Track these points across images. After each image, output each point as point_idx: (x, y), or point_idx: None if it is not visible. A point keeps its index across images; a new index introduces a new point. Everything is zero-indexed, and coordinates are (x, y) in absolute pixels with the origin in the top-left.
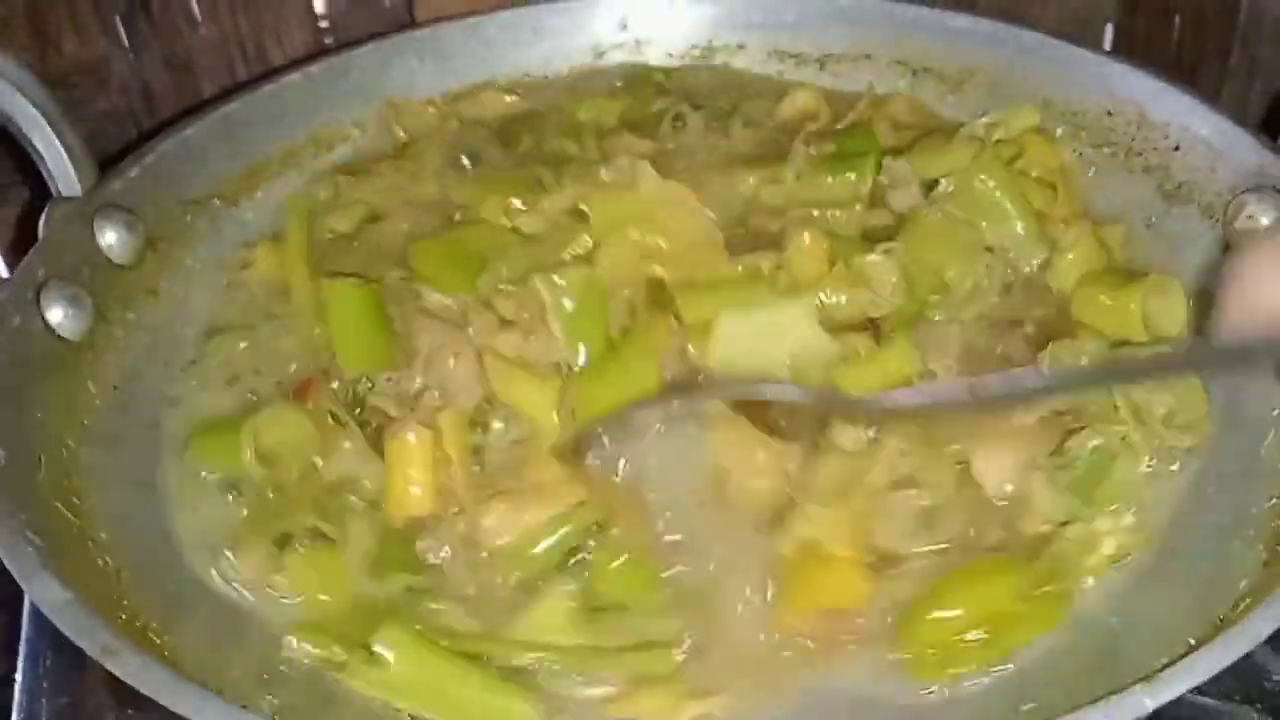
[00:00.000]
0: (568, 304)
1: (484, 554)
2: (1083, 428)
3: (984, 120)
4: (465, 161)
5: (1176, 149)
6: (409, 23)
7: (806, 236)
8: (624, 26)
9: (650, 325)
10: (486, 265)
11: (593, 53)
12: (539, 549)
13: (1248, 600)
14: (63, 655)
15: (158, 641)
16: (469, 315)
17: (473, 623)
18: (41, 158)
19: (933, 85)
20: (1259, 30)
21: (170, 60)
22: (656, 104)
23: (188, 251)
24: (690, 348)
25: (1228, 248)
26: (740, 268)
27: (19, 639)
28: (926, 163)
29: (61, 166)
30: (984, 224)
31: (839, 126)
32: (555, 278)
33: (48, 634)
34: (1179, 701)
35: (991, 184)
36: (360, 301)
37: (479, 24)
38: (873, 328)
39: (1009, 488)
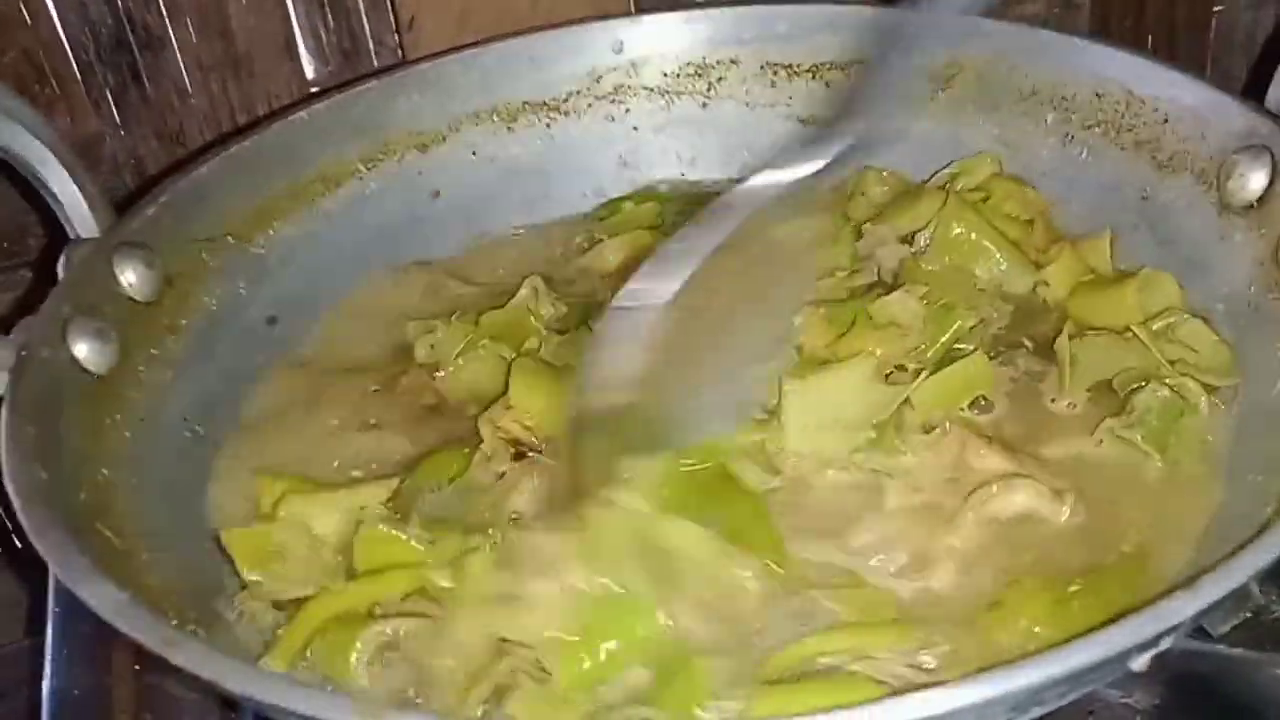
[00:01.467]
0: None
1: None
2: (1142, 385)
3: (947, 171)
4: None
5: (1165, 121)
6: None
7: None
8: (619, 50)
9: None
10: None
11: (590, 77)
12: None
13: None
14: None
15: None
16: None
17: None
18: (59, 201)
19: (922, 84)
20: (1230, 43)
21: (161, 133)
22: None
23: (204, 289)
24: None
25: (1224, 209)
26: None
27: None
28: (900, 219)
29: (79, 209)
30: (969, 264)
31: None
32: None
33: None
34: (1208, 655)
35: (964, 226)
36: None
37: (476, 57)
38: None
39: None
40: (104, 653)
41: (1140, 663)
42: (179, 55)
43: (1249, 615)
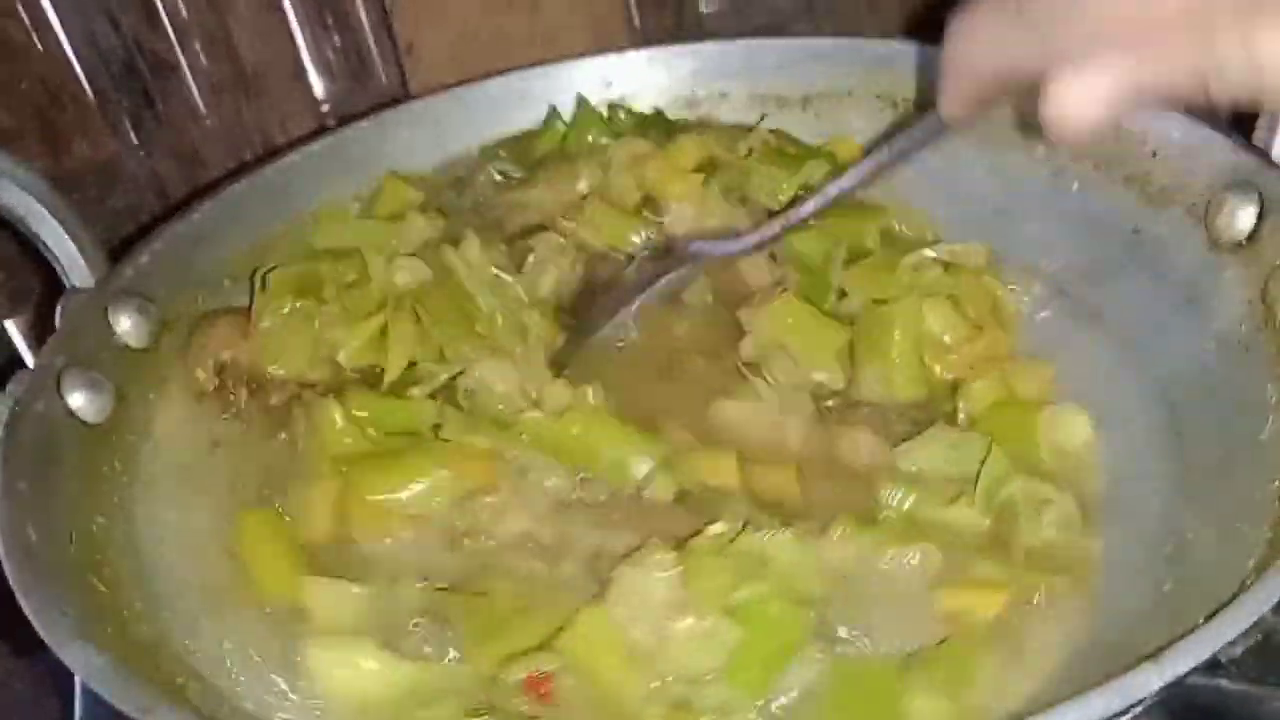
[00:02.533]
0: None
1: None
2: None
3: (929, 253)
4: None
5: (1154, 155)
6: (403, 95)
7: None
8: (608, 84)
9: None
10: None
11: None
12: None
13: (1253, 576)
14: None
15: (196, 703)
16: None
17: None
18: (53, 253)
19: (914, 116)
20: None
21: (179, 153)
22: None
23: None
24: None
25: (1214, 245)
26: None
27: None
28: (868, 282)
29: (73, 259)
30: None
31: None
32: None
33: None
34: (1207, 687)
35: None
36: None
37: (467, 93)
38: None
39: None
40: None
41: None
42: (190, 78)
43: (1260, 638)
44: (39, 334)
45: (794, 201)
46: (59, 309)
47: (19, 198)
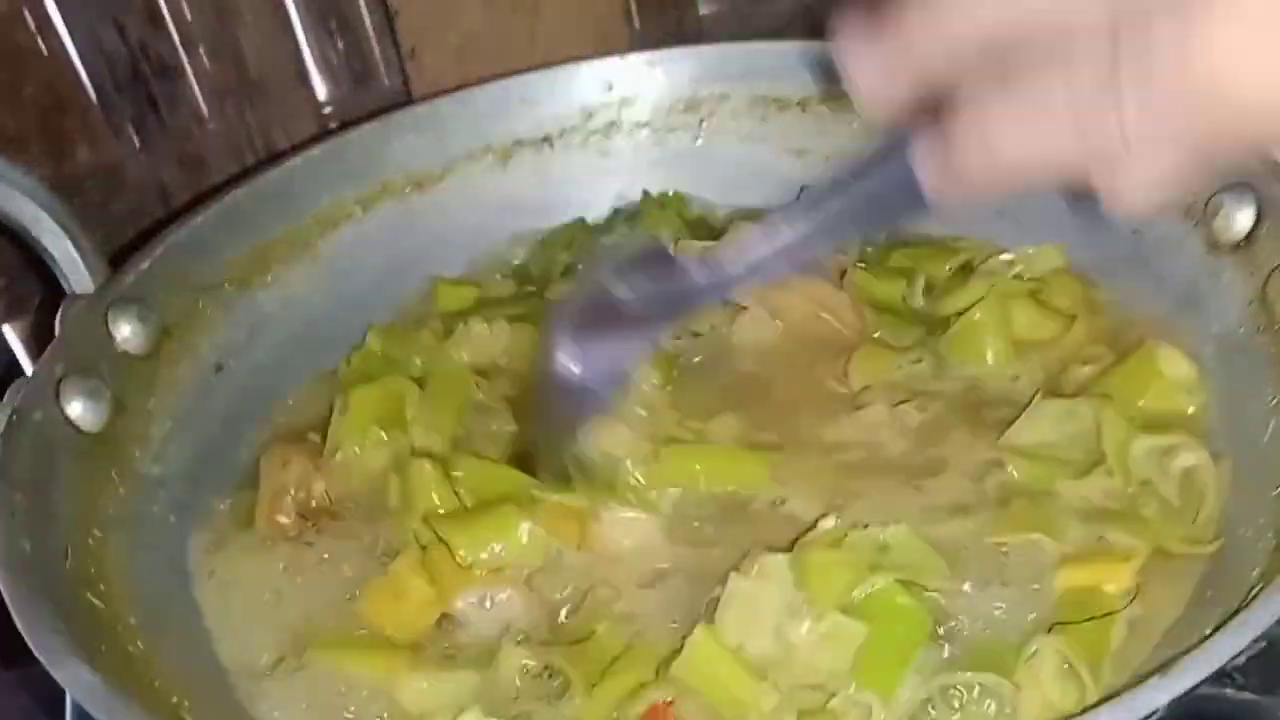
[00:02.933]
0: None
1: None
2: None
3: (1005, 257)
4: None
5: None
6: (406, 99)
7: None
8: (609, 88)
9: None
10: None
11: (582, 114)
12: None
13: (1260, 585)
14: None
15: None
16: None
17: None
18: (53, 258)
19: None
20: None
21: (182, 158)
22: None
23: (203, 339)
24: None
25: (1213, 248)
26: None
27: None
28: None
29: (73, 265)
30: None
31: None
32: None
33: None
34: (1212, 696)
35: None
36: None
37: (468, 97)
38: None
39: None
40: None
41: None
42: (194, 82)
43: (1265, 646)
44: (38, 341)
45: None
46: (59, 316)
47: (20, 203)
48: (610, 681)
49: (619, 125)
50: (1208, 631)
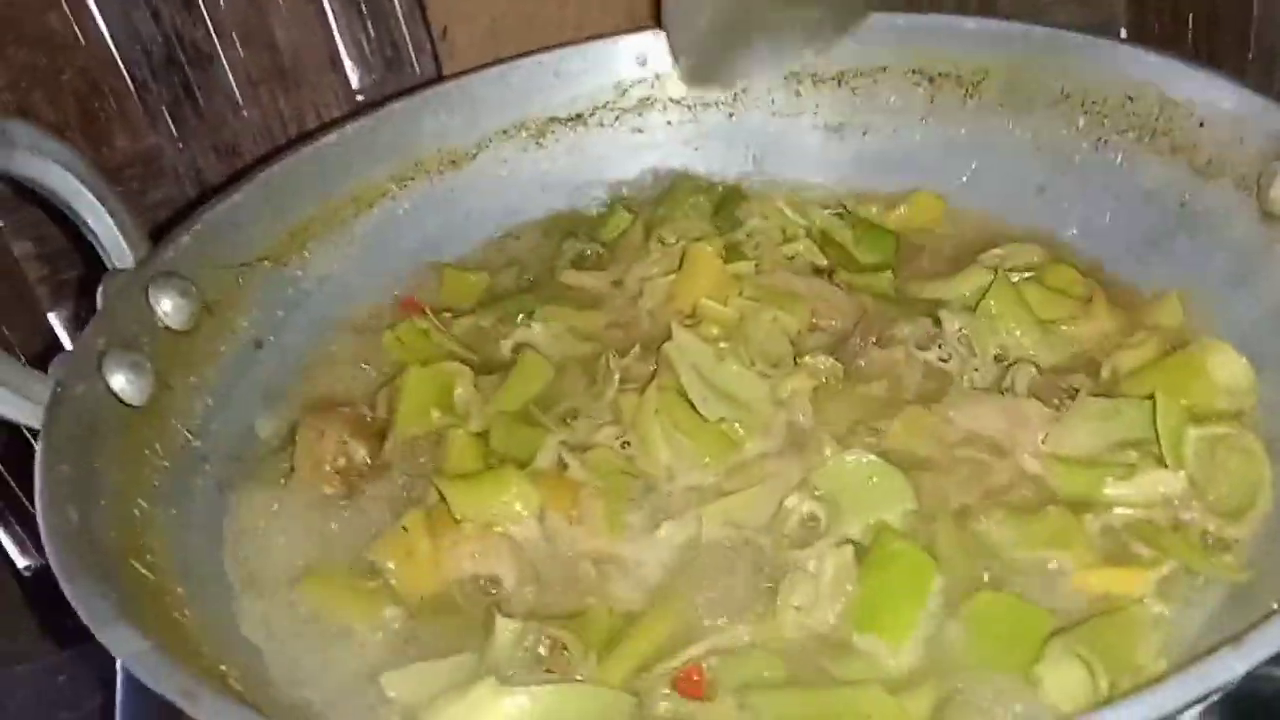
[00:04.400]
0: None
1: None
2: None
3: (995, 252)
4: None
5: (1201, 125)
6: (437, 82)
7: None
8: (643, 63)
9: None
10: None
11: (615, 90)
12: None
13: None
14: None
15: (238, 688)
16: None
17: None
18: (94, 233)
19: (951, 90)
20: (1273, 22)
21: (218, 145)
22: None
23: (242, 314)
24: None
25: (1265, 217)
26: None
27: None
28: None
29: (114, 240)
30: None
31: None
32: None
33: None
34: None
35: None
36: None
37: (503, 73)
38: None
39: None
40: None
41: (1190, 715)
42: (228, 70)
43: None
44: (79, 323)
45: None
46: (100, 290)
47: (61, 178)
48: (627, 647)
49: (652, 101)
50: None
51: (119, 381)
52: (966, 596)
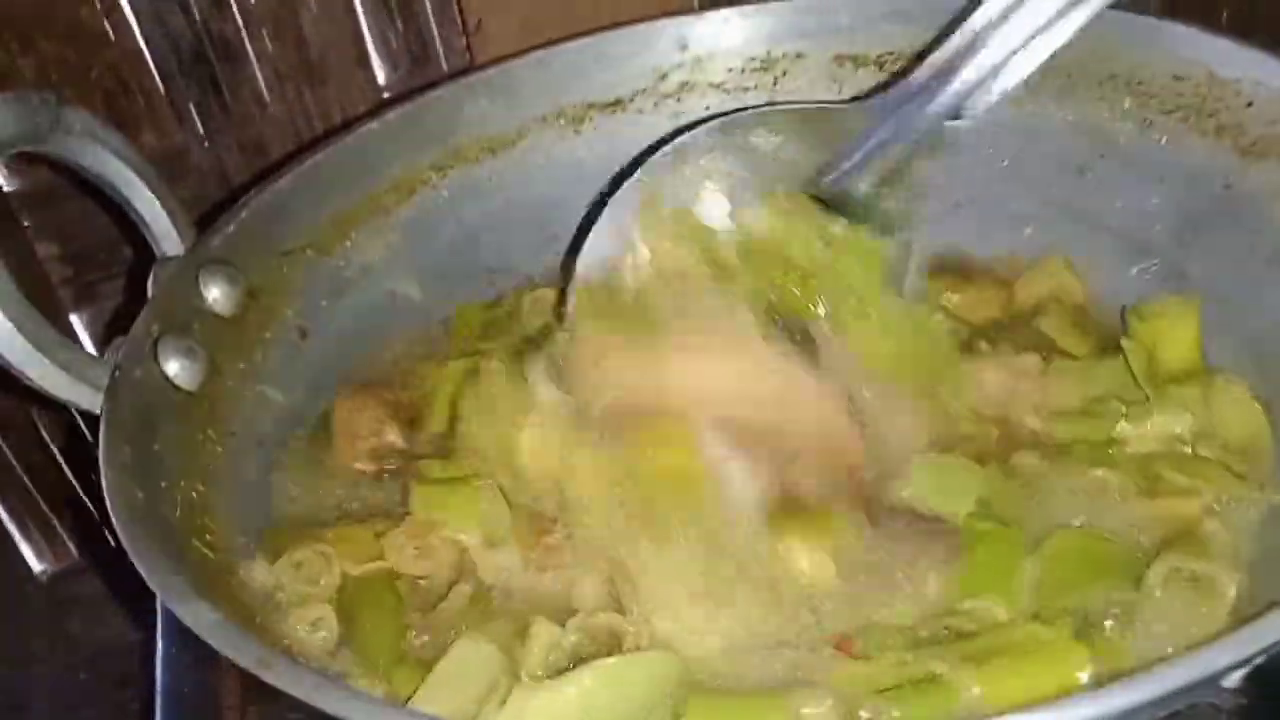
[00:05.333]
0: None
1: None
2: None
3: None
4: None
5: (1250, 105)
6: None
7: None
8: (683, 47)
9: None
10: None
11: (655, 75)
12: None
13: None
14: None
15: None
16: None
17: None
18: (144, 221)
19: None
20: None
21: (243, 143)
22: None
23: (286, 302)
24: None
25: None
26: None
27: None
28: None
29: (164, 227)
30: None
31: None
32: None
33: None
34: None
35: None
36: None
37: (544, 59)
38: None
39: None
40: (210, 651)
41: (1233, 679)
42: (256, 66)
43: None
44: (103, 326)
45: None
46: (151, 277)
47: (115, 166)
48: None
49: (692, 86)
50: None
51: (173, 367)
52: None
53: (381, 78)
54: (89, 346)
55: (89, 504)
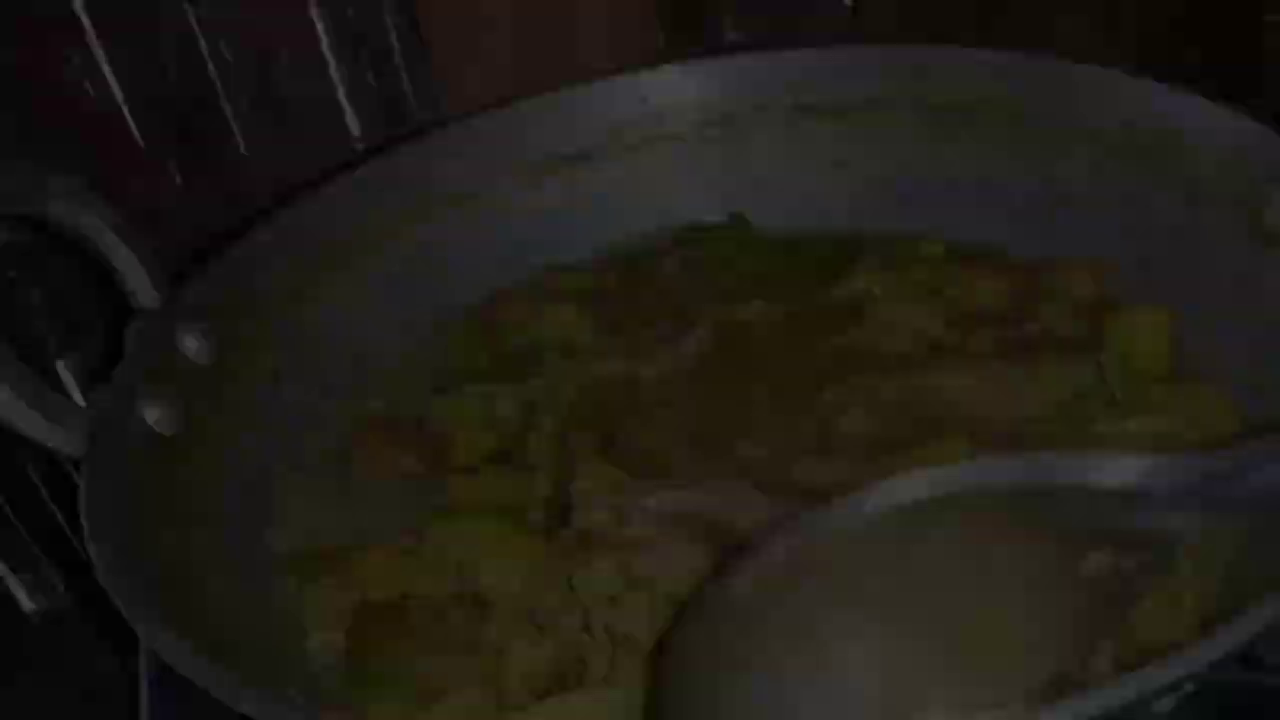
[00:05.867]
0: None
1: None
2: None
3: None
4: None
5: (1198, 153)
6: None
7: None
8: (644, 101)
9: None
10: None
11: (617, 128)
12: None
13: None
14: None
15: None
16: None
17: None
18: (119, 273)
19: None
20: None
21: (221, 195)
22: None
23: (264, 352)
24: None
25: (1263, 241)
26: None
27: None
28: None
29: (140, 280)
30: None
31: None
32: None
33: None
34: (1244, 683)
35: None
36: None
37: (505, 115)
38: None
39: None
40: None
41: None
42: (231, 120)
43: None
44: (89, 373)
45: None
46: (127, 330)
47: (94, 225)
48: None
49: (654, 139)
50: None
51: (153, 414)
52: None
53: (355, 129)
54: (75, 392)
55: (77, 546)
